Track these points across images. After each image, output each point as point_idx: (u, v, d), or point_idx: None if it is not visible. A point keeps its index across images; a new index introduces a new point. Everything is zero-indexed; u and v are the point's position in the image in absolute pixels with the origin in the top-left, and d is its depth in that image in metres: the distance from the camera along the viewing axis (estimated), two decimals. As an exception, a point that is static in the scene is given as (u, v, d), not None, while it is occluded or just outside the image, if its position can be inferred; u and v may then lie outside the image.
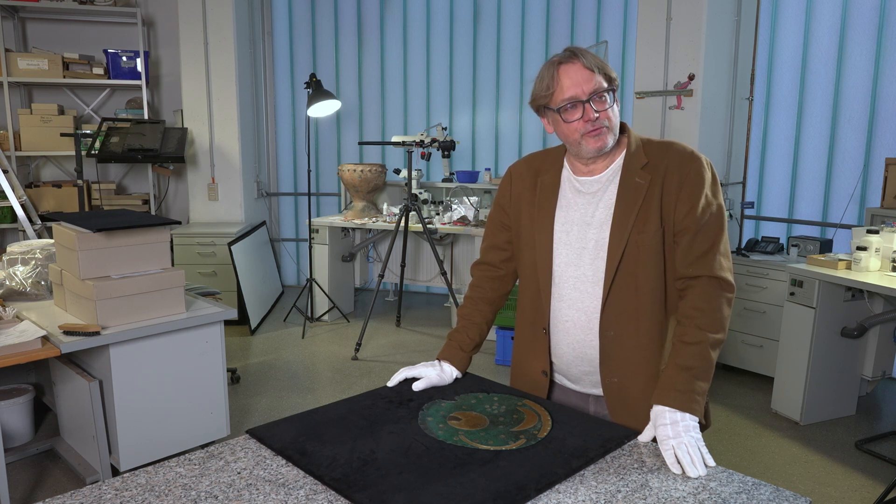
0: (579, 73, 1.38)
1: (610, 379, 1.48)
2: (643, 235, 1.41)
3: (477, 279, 1.69)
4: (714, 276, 1.41)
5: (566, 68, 1.39)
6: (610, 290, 1.44)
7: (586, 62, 1.38)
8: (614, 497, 1.11)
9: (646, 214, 1.42)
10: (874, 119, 3.98)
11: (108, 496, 1.10)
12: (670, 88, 4.16)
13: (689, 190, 1.41)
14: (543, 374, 1.57)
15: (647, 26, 4.24)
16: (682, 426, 1.27)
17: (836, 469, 2.95)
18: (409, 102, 5.78)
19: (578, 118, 1.40)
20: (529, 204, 1.55)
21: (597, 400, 1.55)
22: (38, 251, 2.94)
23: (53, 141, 5.07)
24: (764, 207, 4.54)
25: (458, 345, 1.61)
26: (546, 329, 1.53)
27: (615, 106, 1.43)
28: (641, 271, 1.43)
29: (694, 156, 1.44)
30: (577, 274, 1.48)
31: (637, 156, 1.46)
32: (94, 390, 2.47)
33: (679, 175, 1.42)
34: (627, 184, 1.44)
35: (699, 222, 1.41)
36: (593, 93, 1.38)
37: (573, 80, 1.38)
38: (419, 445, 1.25)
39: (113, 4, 5.26)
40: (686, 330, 1.39)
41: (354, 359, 4.31)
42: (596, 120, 1.39)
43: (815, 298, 3.26)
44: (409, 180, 4.51)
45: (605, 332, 1.46)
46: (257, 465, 1.21)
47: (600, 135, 1.41)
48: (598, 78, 1.38)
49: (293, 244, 6.23)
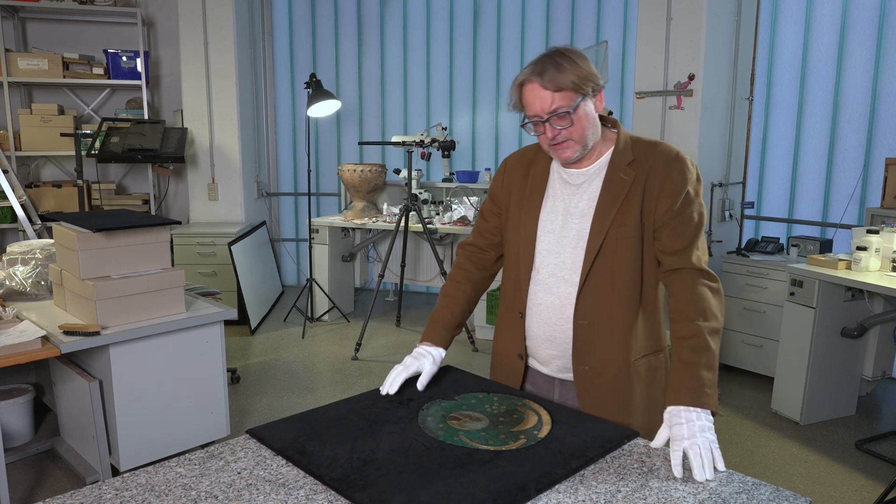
0: (537, 93, 1.41)
1: (581, 367, 1.52)
2: (622, 229, 1.46)
3: (461, 260, 1.73)
4: (695, 267, 1.45)
5: (527, 88, 1.42)
6: (586, 279, 1.48)
7: (543, 82, 1.39)
8: (614, 497, 1.11)
9: (627, 208, 1.46)
10: (874, 119, 3.98)
11: (108, 496, 1.10)
12: (670, 88, 4.16)
13: (672, 188, 1.45)
14: (519, 357, 1.61)
15: (647, 26, 4.24)
16: (697, 426, 1.27)
17: (836, 469, 2.95)
18: (409, 102, 5.78)
19: (542, 133, 1.45)
20: (520, 192, 1.60)
21: (563, 384, 1.59)
22: (38, 251, 2.94)
23: (53, 141, 5.07)
24: (764, 207, 4.54)
25: (441, 325, 1.64)
26: (522, 313, 1.58)
27: (587, 113, 1.43)
28: (618, 263, 1.47)
29: (679, 156, 1.48)
30: (557, 261, 1.52)
31: (625, 152, 1.50)
32: (94, 390, 2.47)
33: (663, 174, 1.46)
34: (612, 178, 1.48)
35: (679, 218, 1.45)
36: (551, 113, 1.40)
37: (533, 100, 1.42)
38: (419, 445, 1.25)
39: (113, 4, 5.26)
40: (680, 326, 1.42)
41: (354, 359, 4.31)
42: (556, 137, 1.43)
43: (815, 298, 3.26)
44: (409, 180, 4.51)
45: (579, 321, 1.50)
46: (257, 465, 1.21)
47: (564, 149, 1.45)
48: (556, 97, 1.39)
49: (293, 244, 6.23)
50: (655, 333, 1.56)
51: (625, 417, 1.49)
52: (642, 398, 1.54)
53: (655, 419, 1.45)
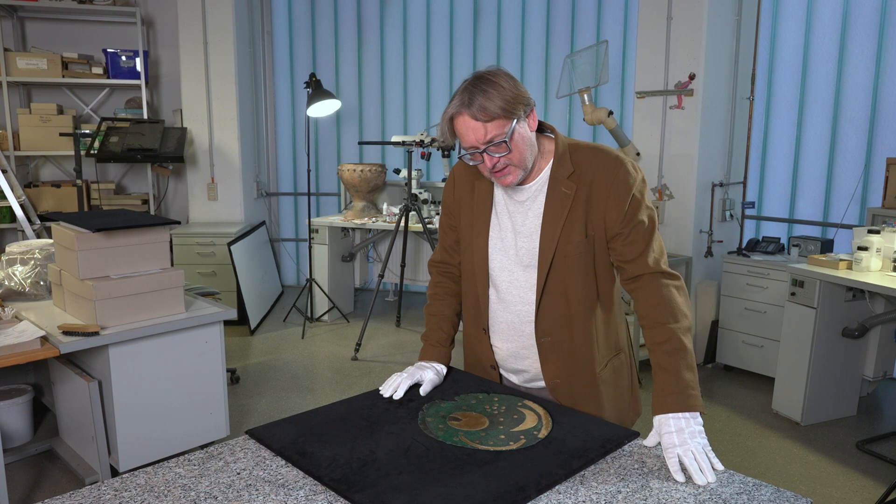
0: (468, 125, 1.36)
1: (553, 380, 1.54)
2: (569, 246, 1.46)
3: (436, 277, 1.73)
4: (654, 271, 1.45)
5: (458, 121, 1.37)
6: (542, 298, 1.49)
7: (472, 113, 1.34)
8: (614, 498, 1.10)
9: (571, 225, 1.45)
10: (875, 119, 3.97)
11: (108, 497, 1.10)
12: (671, 88, 4.16)
13: (617, 196, 1.44)
14: (492, 367, 1.63)
15: (647, 26, 4.24)
16: (687, 433, 1.26)
17: (837, 470, 2.95)
18: (409, 102, 5.78)
19: (481, 163, 1.41)
20: (469, 207, 1.59)
21: (538, 393, 1.59)
22: (37, 251, 2.93)
23: (52, 141, 5.07)
24: (765, 207, 4.54)
25: (436, 342, 1.64)
26: (486, 329, 1.59)
27: (523, 135, 1.39)
28: (570, 279, 1.47)
29: (619, 160, 1.46)
30: (511, 279, 1.53)
31: (563, 164, 1.47)
32: (93, 391, 2.47)
33: (606, 182, 1.44)
34: (554, 194, 1.47)
35: (630, 225, 1.44)
36: (487, 143, 1.37)
37: (466, 132, 1.37)
38: (419, 446, 1.25)
39: (112, 4, 5.25)
40: (652, 332, 1.42)
41: (354, 359, 4.30)
42: (496, 165, 1.40)
43: (816, 298, 3.26)
44: (409, 180, 4.51)
45: (541, 338, 1.51)
46: (257, 465, 1.21)
47: (505, 175, 1.43)
48: (489, 127, 1.35)
49: (293, 244, 6.23)
50: (614, 337, 1.58)
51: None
52: (611, 400, 1.58)
53: (623, 410, 1.60)
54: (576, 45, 5.15)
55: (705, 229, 4.25)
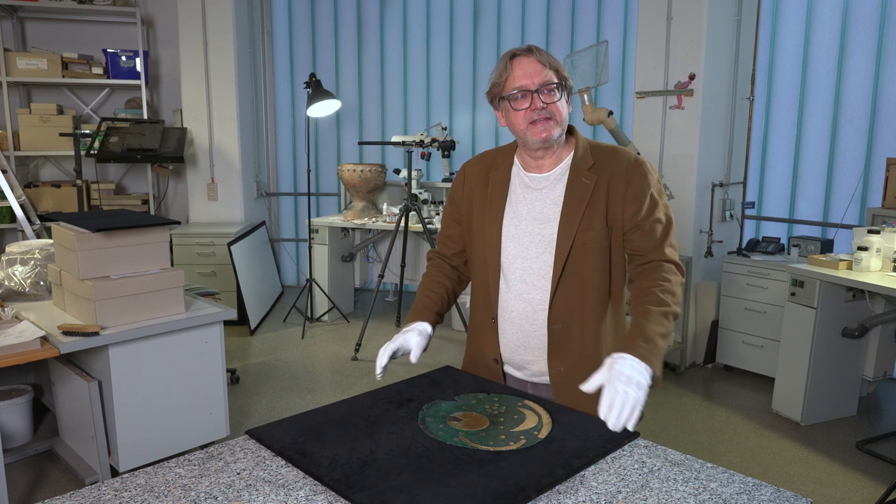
0: (531, 65, 1.45)
1: (557, 369, 1.56)
2: (589, 233, 1.49)
3: (430, 267, 1.74)
4: (667, 259, 1.51)
5: (519, 60, 1.47)
6: (558, 284, 1.51)
7: (540, 57, 1.46)
8: (615, 498, 1.10)
9: (592, 213, 1.49)
10: (875, 119, 3.97)
11: (108, 497, 1.10)
12: (671, 88, 4.16)
13: (635, 192, 1.49)
14: (495, 361, 1.63)
15: (647, 26, 4.24)
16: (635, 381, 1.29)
17: (837, 470, 2.95)
18: (409, 102, 5.78)
19: (526, 107, 1.47)
20: (481, 198, 1.61)
21: (535, 388, 1.61)
22: (37, 251, 2.93)
23: (52, 141, 5.07)
24: (764, 207, 4.54)
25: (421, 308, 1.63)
26: (494, 318, 1.60)
27: (565, 103, 1.50)
28: (587, 267, 1.51)
29: (638, 161, 1.53)
30: (524, 266, 1.54)
31: (584, 157, 1.53)
32: (93, 391, 2.47)
33: (625, 179, 1.50)
34: (575, 183, 1.51)
35: (648, 220, 1.50)
36: (542, 85, 1.45)
37: (524, 72, 1.45)
38: (419, 446, 1.25)
39: (112, 4, 5.25)
40: (651, 297, 1.46)
41: (354, 359, 4.30)
42: (543, 109, 1.46)
43: (816, 299, 3.26)
44: (409, 180, 4.51)
45: (553, 325, 1.53)
46: (257, 465, 1.21)
47: (546, 126, 1.47)
48: (548, 72, 1.46)
49: (293, 244, 6.23)
50: (622, 330, 1.61)
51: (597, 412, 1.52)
52: None
53: None
54: (576, 45, 5.14)
55: (705, 229, 4.25)
